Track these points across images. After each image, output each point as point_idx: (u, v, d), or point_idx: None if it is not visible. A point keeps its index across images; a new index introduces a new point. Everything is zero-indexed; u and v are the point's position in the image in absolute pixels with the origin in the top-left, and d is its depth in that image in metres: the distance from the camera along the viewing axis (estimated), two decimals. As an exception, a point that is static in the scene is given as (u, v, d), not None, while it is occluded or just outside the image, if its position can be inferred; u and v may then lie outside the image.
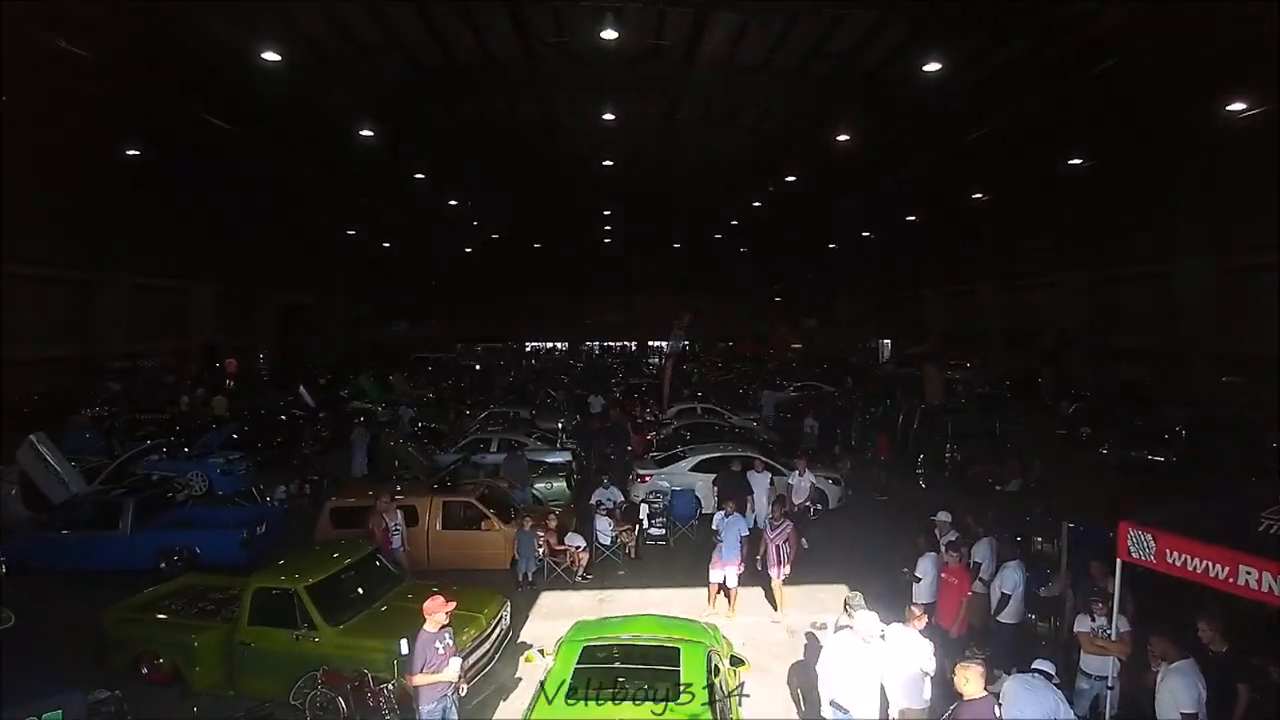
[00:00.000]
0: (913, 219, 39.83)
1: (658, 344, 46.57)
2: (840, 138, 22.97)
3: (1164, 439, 17.27)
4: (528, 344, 59.24)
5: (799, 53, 21.06)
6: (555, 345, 60.93)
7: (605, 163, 31.46)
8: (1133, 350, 28.10)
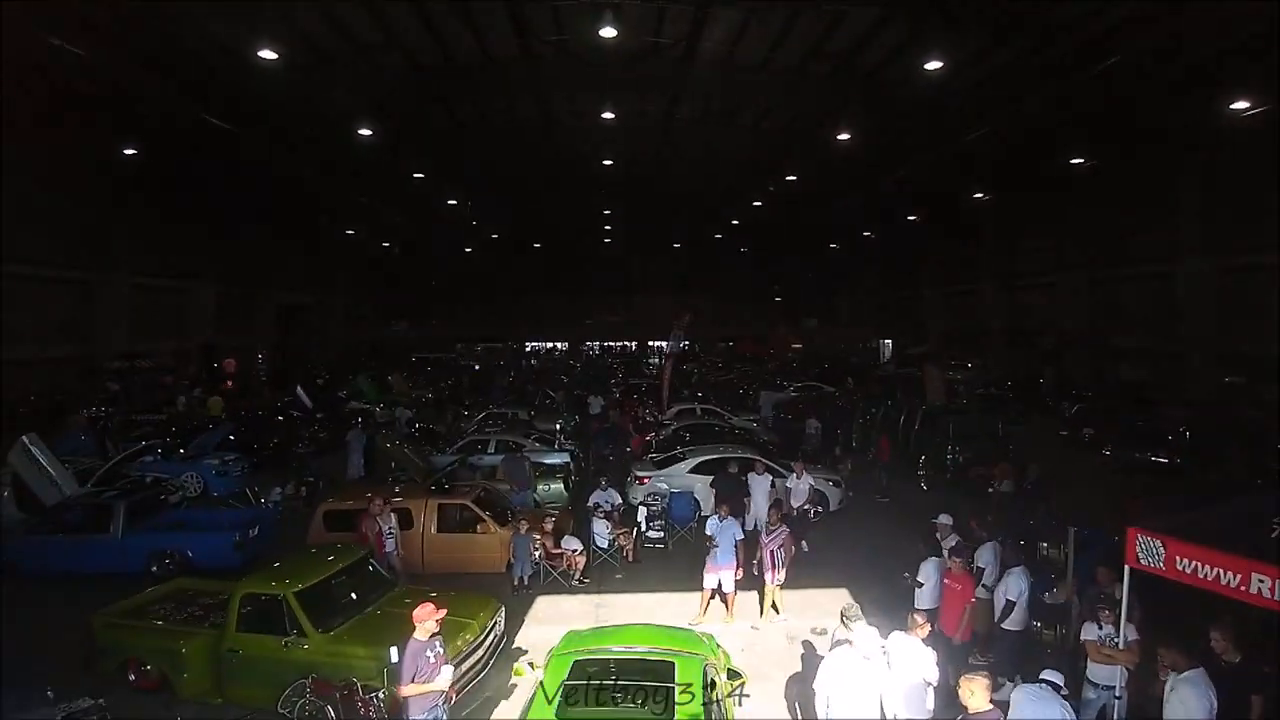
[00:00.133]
0: (913, 219, 39.68)
1: (658, 344, 46.41)
2: (840, 137, 22.86)
3: (1167, 440, 17.13)
4: (528, 344, 59.07)
5: (799, 52, 20.97)
6: (555, 345, 60.76)
7: (605, 162, 31.36)
8: (1133, 350, 27.95)
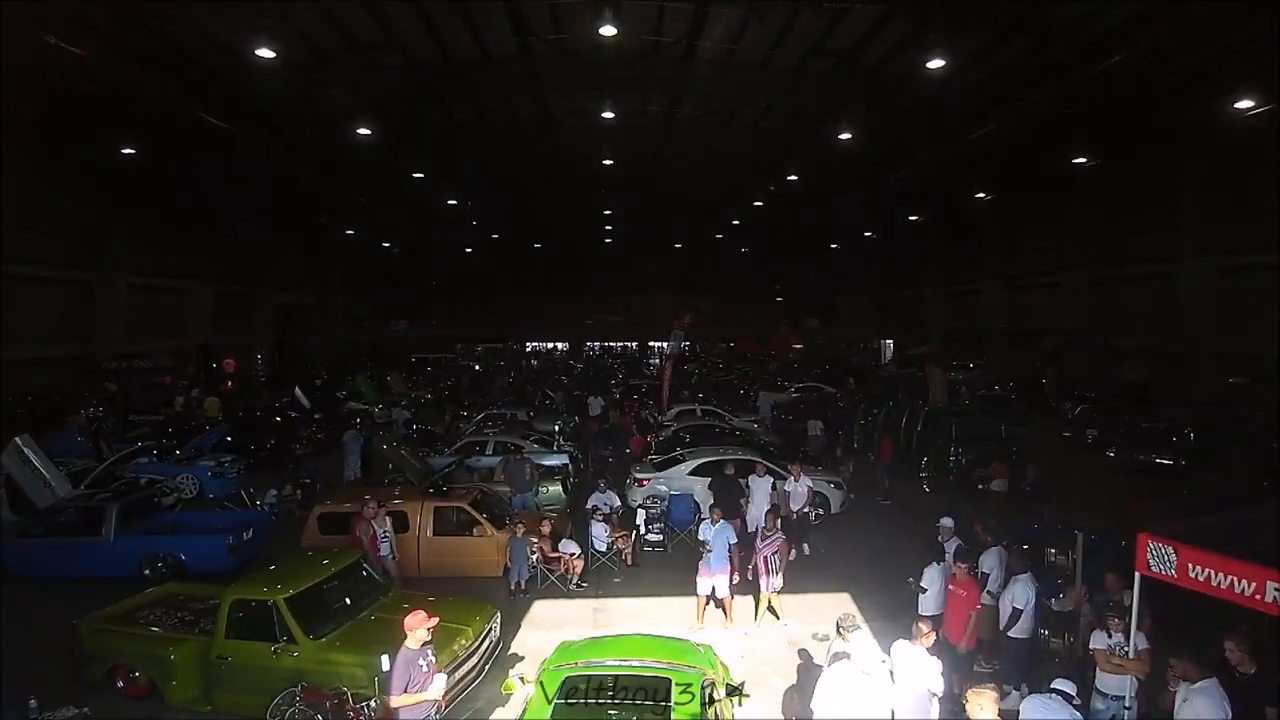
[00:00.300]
0: (914, 218, 39.52)
1: (658, 344, 46.27)
2: (841, 136, 22.71)
3: (1171, 441, 16.98)
4: (528, 344, 58.92)
5: (800, 50, 20.85)
6: (556, 346, 60.63)
7: (605, 161, 31.23)
8: (1135, 351, 27.79)
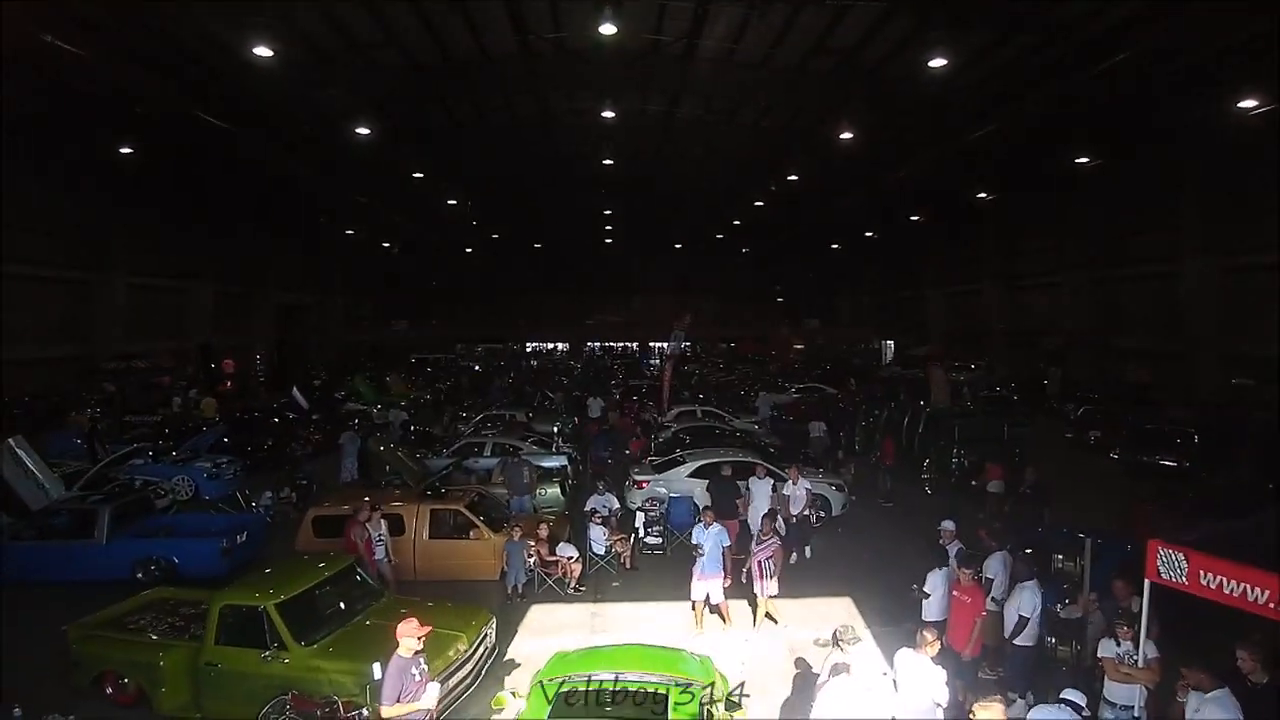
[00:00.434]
0: (916, 218, 39.38)
1: (658, 345, 46.13)
2: (842, 135, 22.57)
3: (1175, 443, 16.81)
4: (528, 345, 58.80)
5: (800, 49, 20.71)
6: (556, 346, 60.51)
7: (605, 161, 31.12)
8: (1137, 351, 27.62)
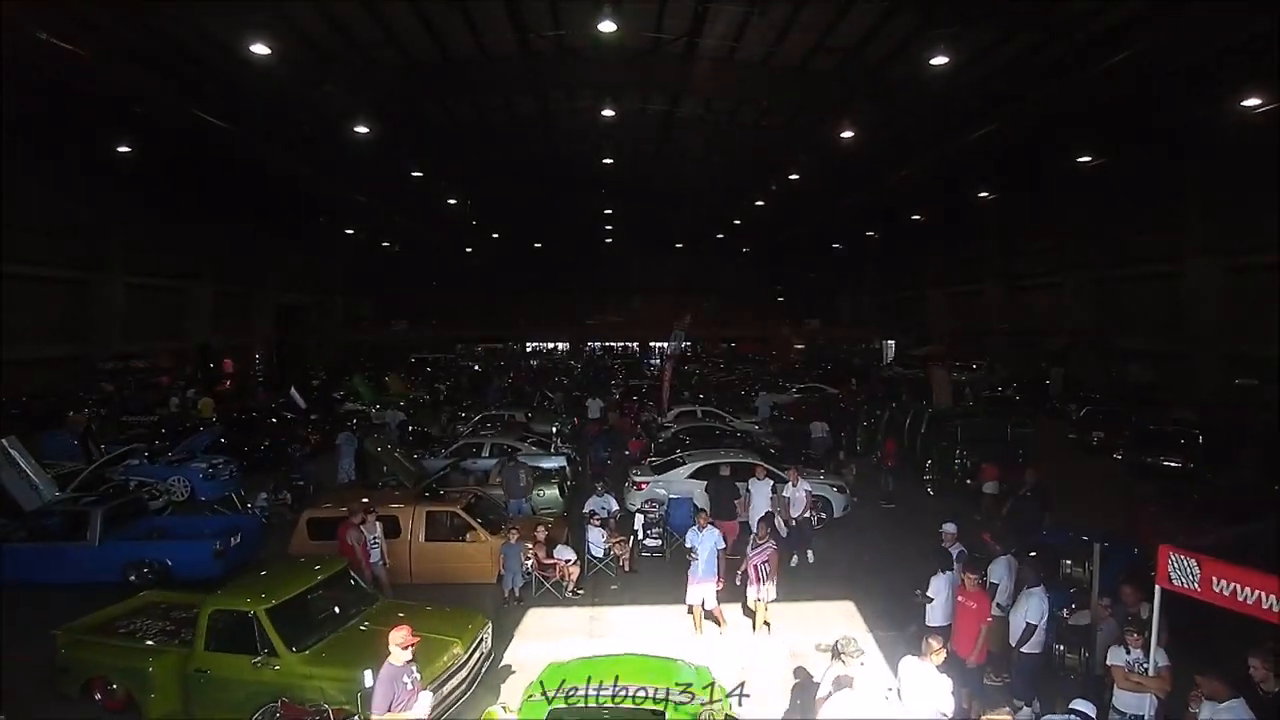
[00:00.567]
0: (917, 217, 39.25)
1: (658, 345, 46.01)
2: (843, 134, 22.45)
3: (1179, 444, 16.65)
4: (528, 344, 58.66)
5: (801, 48, 20.61)
6: (556, 346, 60.38)
7: (605, 161, 31.02)
8: (1140, 351, 27.46)
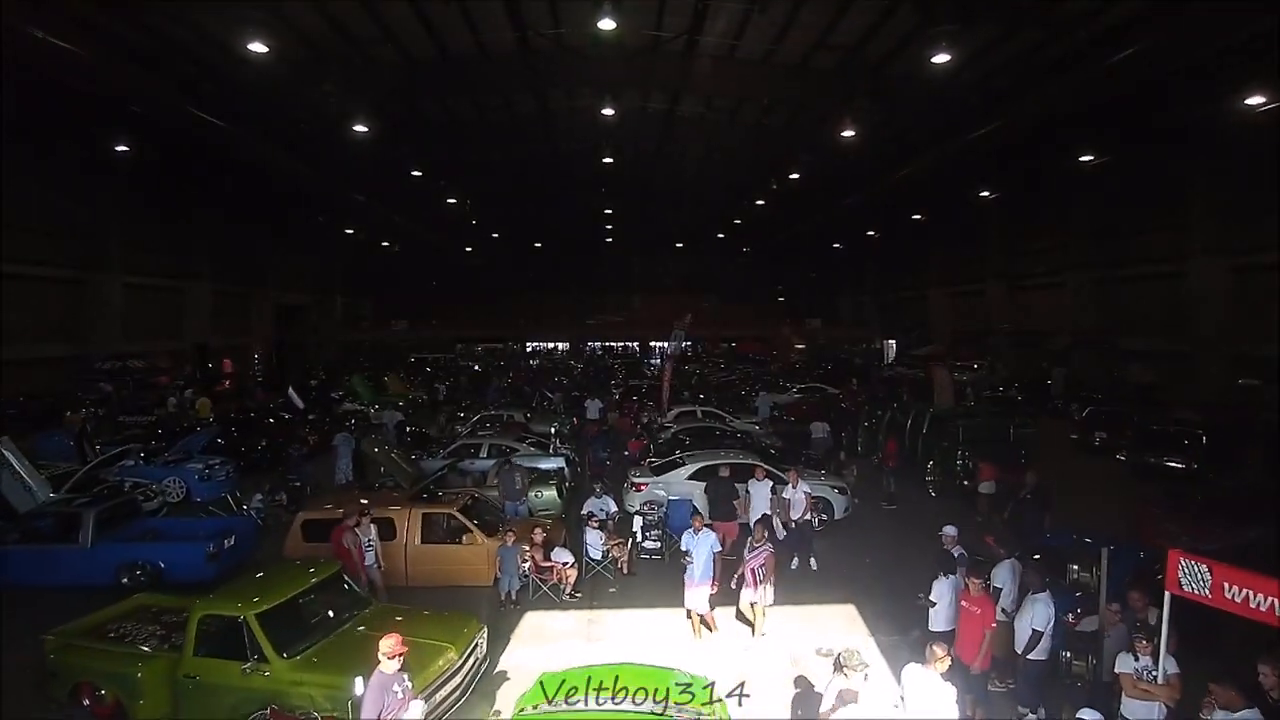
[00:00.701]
0: (918, 217, 39.10)
1: (659, 345, 45.90)
2: (845, 133, 22.32)
3: (1182, 444, 16.53)
4: (528, 344, 58.59)
5: (802, 46, 20.48)
6: (556, 346, 60.30)
7: (605, 160, 30.89)
8: (1142, 352, 27.32)
